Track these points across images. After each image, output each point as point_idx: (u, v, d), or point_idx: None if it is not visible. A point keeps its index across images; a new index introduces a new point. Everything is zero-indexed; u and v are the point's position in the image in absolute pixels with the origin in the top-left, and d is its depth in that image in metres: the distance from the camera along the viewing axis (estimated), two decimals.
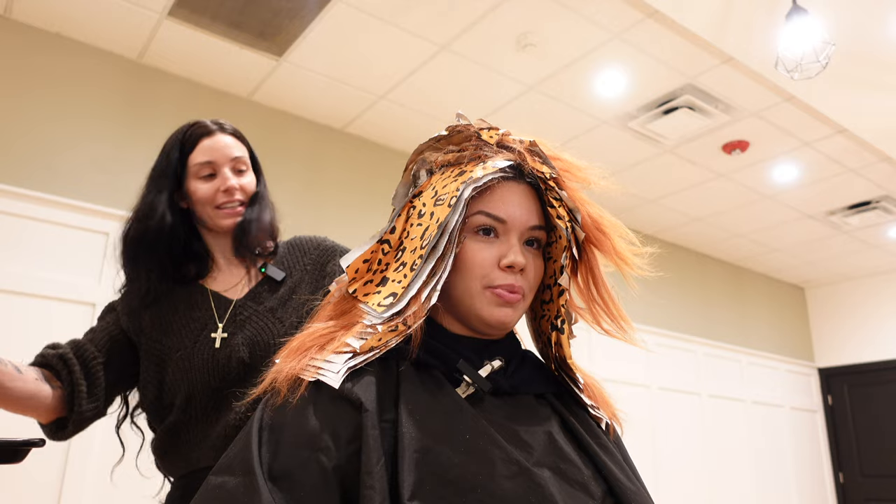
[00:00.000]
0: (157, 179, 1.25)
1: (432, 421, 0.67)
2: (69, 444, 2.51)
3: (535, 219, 0.78)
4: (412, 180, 0.85)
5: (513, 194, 0.77)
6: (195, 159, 1.24)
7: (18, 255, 2.61)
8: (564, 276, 0.78)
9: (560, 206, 0.77)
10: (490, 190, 0.77)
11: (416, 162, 0.85)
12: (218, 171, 1.24)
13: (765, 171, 4.10)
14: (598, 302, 0.82)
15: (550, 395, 0.81)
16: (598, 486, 0.71)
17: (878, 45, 2.98)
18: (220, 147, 1.25)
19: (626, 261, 0.79)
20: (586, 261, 0.81)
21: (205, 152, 1.24)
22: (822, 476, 5.73)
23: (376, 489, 0.61)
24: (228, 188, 1.23)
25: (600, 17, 2.77)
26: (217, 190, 1.23)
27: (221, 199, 1.23)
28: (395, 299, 0.74)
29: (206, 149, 1.24)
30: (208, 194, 1.23)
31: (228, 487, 0.63)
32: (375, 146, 3.80)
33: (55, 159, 2.80)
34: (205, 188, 1.23)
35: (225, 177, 1.23)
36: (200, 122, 1.27)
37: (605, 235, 0.79)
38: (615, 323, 0.82)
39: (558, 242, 0.80)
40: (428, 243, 0.74)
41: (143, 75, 3.11)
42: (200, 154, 1.24)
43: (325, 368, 0.69)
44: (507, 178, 0.78)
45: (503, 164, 0.77)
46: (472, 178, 0.76)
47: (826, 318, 6.14)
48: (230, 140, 1.27)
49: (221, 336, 1.19)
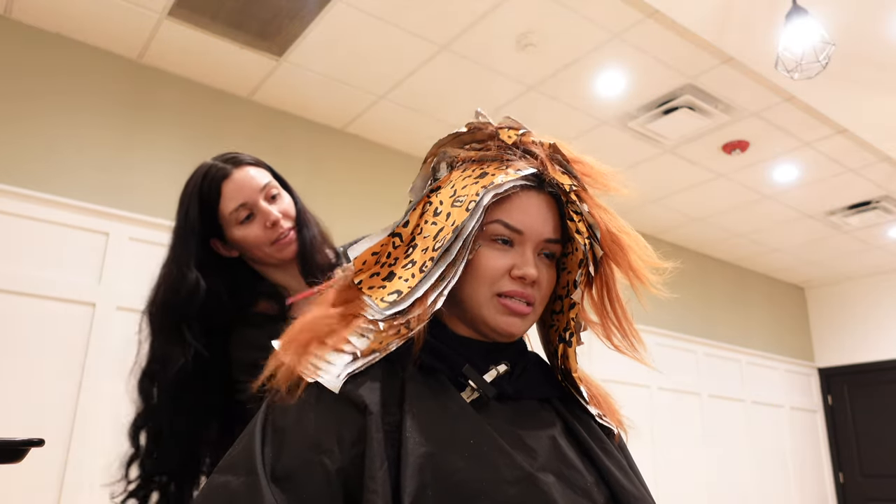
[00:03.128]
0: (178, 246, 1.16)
1: (436, 425, 0.66)
2: (69, 444, 2.51)
3: (552, 231, 0.76)
4: (431, 173, 0.83)
5: (532, 205, 0.76)
6: (227, 208, 1.15)
7: (18, 255, 2.61)
8: (578, 292, 0.77)
9: (580, 220, 0.75)
10: (510, 198, 0.75)
11: (437, 154, 0.83)
12: (254, 209, 1.16)
13: (765, 171, 4.10)
14: (611, 318, 0.80)
15: (555, 400, 0.80)
16: (602, 491, 0.70)
17: (878, 45, 2.97)
18: (245, 183, 1.16)
19: (642, 279, 0.77)
20: (603, 275, 0.79)
21: (233, 197, 1.15)
22: (822, 476, 5.73)
23: (379, 493, 0.60)
24: (274, 221, 1.16)
25: (600, 17, 2.77)
26: (263, 228, 1.16)
27: (272, 235, 1.16)
28: (398, 297, 0.72)
29: (231, 192, 1.15)
30: (257, 236, 1.16)
31: (231, 487, 0.63)
32: (375, 146, 3.79)
33: (55, 159, 2.80)
34: (252, 232, 1.16)
35: (265, 212, 1.16)
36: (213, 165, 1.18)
37: (622, 251, 0.76)
38: (626, 340, 0.80)
39: (574, 254, 0.78)
40: (441, 246, 0.72)
41: (143, 75, 3.11)
42: (229, 200, 1.15)
43: (324, 370, 0.69)
44: (527, 187, 0.76)
45: (525, 172, 0.75)
46: (493, 184, 0.74)
47: (826, 318, 6.14)
48: (251, 171, 1.18)
49: None
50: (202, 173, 1.17)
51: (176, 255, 1.16)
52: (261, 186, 1.17)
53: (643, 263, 0.77)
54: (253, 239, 1.16)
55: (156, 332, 1.15)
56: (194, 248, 1.16)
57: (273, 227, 1.16)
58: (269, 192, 1.19)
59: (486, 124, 0.81)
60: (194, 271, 1.14)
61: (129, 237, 2.85)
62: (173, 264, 1.16)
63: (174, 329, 1.14)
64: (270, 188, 1.19)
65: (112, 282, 2.76)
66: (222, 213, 1.16)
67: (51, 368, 2.56)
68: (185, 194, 1.18)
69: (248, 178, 1.17)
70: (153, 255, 3.37)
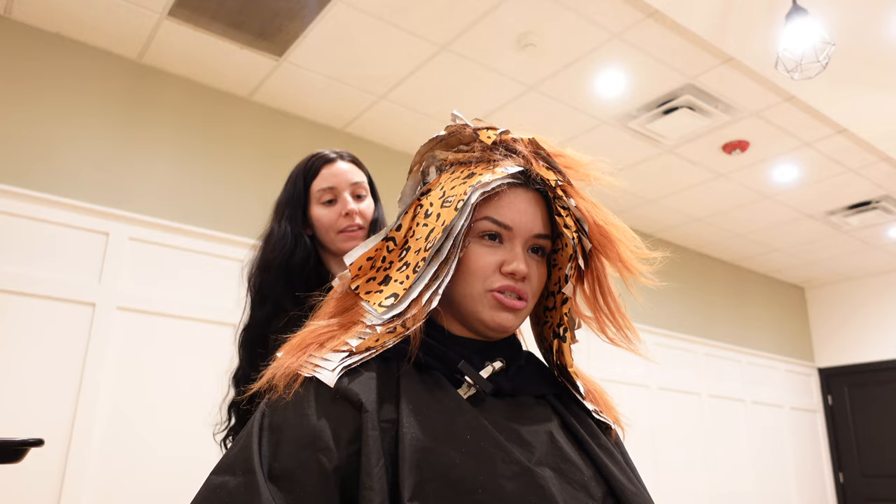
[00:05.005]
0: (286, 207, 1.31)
1: (433, 421, 0.67)
2: (69, 444, 2.51)
3: (541, 227, 0.77)
4: (421, 178, 0.85)
5: (520, 201, 0.77)
6: (317, 186, 1.31)
7: (18, 255, 2.61)
8: (569, 286, 0.78)
9: (568, 215, 0.77)
10: (498, 195, 0.76)
11: (425, 159, 0.84)
12: (338, 196, 1.30)
13: (765, 171, 4.10)
14: (604, 311, 0.81)
15: (551, 397, 0.80)
16: (599, 486, 0.71)
17: (878, 45, 2.98)
18: (341, 173, 1.32)
19: (632, 269, 0.78)
20: (593, 269, 0.80)
21: (326, 179, 1.31)
22: (822, 476, 5.73)
23: (375, 490, 0.60)
24: (349, 212, 1.29)
25: (600, 17, 2.77)
26: (339, 215, 1.29)
27: (343, 223, 1.29)
28: (395, 301, 0.73)
29: (327, 175, 1.31)
30: (331, 219, 1.29)
31: (229, 487, 0.63)
32: (375, 146, 3.80)
33: (55, 159, 2.80)
34: (327, 213, 1.29)
35: (345, 201, 1.30)
36: (322, 151, 1.35)
37: (611, 243, 0.78)
38: (621, 332, 0.81)
39: (564, 250, 0.79)
40: (432, 246, 0.74)
41: (143, 75, 3.11)
42: (322, 181, 1.31)
43: (321, 366, 0.69)
44: (515, 185, 0.77)
45: (512, 169, 0.77)
46: (480, 182, 0.75)
47: (826, 318, 6.14)
48: (350, 166, 1.34)
49: None
50: (312, 155, 1.35)
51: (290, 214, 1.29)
52: (352, 181, 1.33)
53: (632, 254, 0.78)
54: (326, 221, 1.29)
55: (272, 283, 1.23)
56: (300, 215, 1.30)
57: (346, 218, 1.29)
58: (358, 190, 1.33)
59: (463, 126, 0.82)
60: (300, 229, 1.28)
61: (129, 237, 2.85)
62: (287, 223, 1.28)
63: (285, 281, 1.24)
64: (360, 187, 1.34)
65: (112, 282, 2.76)
66: (312, 188, 1.32)
67: (51, 368, 2.56)
68: (296, 169, 1.35)
69: (346, 170, 1.33)
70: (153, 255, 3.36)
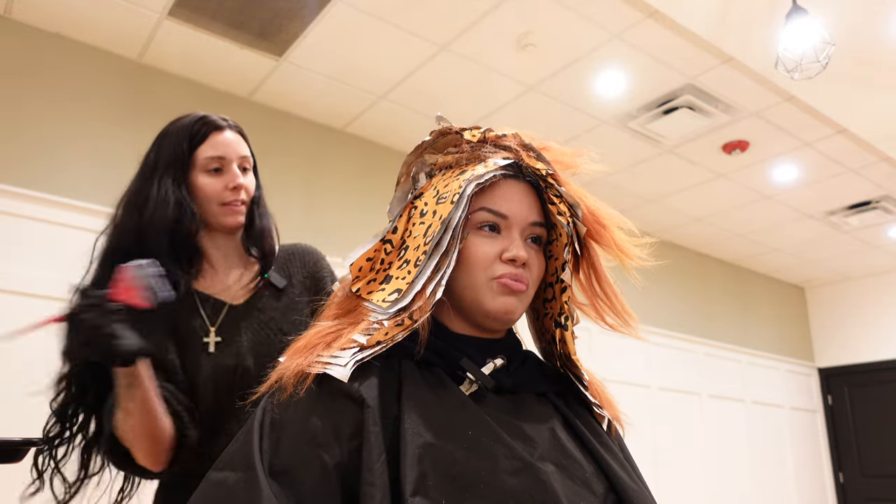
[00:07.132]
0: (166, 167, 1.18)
1: (435, 417, 0.67)
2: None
3: (536, 215, 0.79)
4: (412, 183, 0.86)
5: (514, 191, 0.78)
6: (204, 153, 1.19)
7: (18, 255, 2.61)
8: (567, 272, 0.79)
9: (560, 202, 0.78)
10: (492, 187, 0.78)
11: (415, 165, 0.86)
12: (226, 167, 1.19)
13: (765, 171, 4.10)
14: (600, 297, 0.82)
15: (552, 395, 0.81)
16: (601, 483, 0.71)
17: (878, 45, 2.98)
18: (231, 143, 1.21)
19: (627, 252, 0.80)
20: (588, 256, 0.82)
21: (215, 147, 1.19)
22: (822, 476, 5.73)
23: (377, 485, 0.61)
24: (237, 185, 1.19)
25: (600, 17, 2.77)
26: (225, 186, 1.18)
27: (228, 196, 1.18)
28: (399, 295, 0.74)
29: (216, 143, 1.19)
30: (216, 189, 1.18)
31: (229, 483, 0.63)
32: (375, 146, 3.80)
33: (55, 159, 2.80)
34: (212, 183, 1.18)
35: (234, 173, 1.19)
36: (208, 116, 1.22)
37: (604, 228, 0.80)
38: (619, 317, 0.82)
39: (559, 240, 0.80)
40: (431, 240, 0.75)
41: (143, 75, 3.11)
42: (210, 148, 1.19)
43: (332, 363, 0.69)
44: (507, 176, 0.79)
45: (504, 161, 0.78)
46: (474, 174, 0.76)
47: (826, 318, 6.14)
48: (237, 137, 1.23)
49: (215, 340, 1.14)
50: (198, 117, 1.22)
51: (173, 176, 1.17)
52: (241, 154, 1.22)
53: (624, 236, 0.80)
54: (210, 191, 1.18)
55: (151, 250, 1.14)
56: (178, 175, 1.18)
57: (233, 191, 1.19)
58: (245, 163, 1.23)
59: (448, 128, 0.83)
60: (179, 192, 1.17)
61: None
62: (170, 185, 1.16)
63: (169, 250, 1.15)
64: (247, 160, 1.24)
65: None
66: (197, 154, 1.19)
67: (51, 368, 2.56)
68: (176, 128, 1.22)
69: (235, 141, 1.22)
70: None
